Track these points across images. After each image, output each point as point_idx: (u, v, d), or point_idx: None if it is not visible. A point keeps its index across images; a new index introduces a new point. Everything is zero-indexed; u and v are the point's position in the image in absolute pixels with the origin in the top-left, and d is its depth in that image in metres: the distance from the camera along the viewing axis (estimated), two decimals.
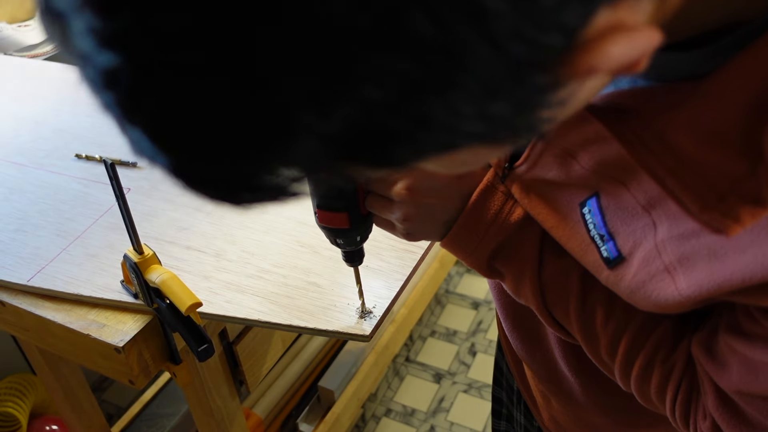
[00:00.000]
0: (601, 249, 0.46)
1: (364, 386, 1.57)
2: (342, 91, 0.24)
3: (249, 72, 0.23)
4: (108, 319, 0.76)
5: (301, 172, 0.28)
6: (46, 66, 1.42)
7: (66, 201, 0.95)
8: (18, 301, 0.80)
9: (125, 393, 1.88)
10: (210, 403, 0.91)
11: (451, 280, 2.29)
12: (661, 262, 0.43)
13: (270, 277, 0.79)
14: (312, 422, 1.49)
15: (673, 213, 0.42)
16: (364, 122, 0.25)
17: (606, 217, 0.46)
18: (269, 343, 1.00)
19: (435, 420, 1.84)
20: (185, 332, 0.70)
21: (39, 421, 1.64)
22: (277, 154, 0.26)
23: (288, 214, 0.89)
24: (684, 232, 0.41)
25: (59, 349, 0.81)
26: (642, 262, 0.44)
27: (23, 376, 1.66)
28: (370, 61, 0.23)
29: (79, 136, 1.12)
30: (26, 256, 0.85)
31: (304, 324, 0.72)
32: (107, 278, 0.80)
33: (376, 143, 0.26)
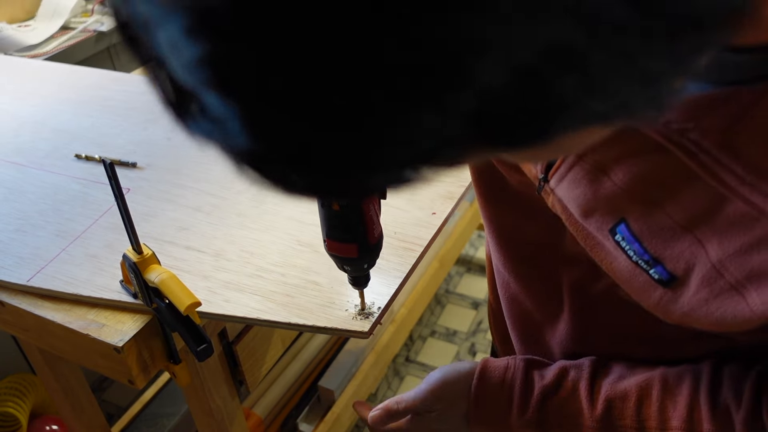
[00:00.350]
0: (651, 272, 0.44)
1: (364, 386, 1.56)
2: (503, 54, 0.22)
3: None
4: (107, 319, 0.76)
5: (434, 149, 0.25)
6: (46, 66, 1.42)
7: (66, 201, 0.95)
8: (17, 301, 0.80)
9: (125, 393, 1.88)
10: (210, 403, 0.91)
11: (451, 280, 2.29)
12: (726, 282, 0.41)
13: (269, 276, 0.79)
14: (312, 422, 1.49)
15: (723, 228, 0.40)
16: (512, 94, 0.23)
17: (644, 243, 0.44)
18: (269, 342, 1.00)
19: None
20: (184, 332, 0.70)
21: (39, 421, 1.64)
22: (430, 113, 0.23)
23: (287, 214, 0.89)
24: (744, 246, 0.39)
25: (59, 349, 0.81)
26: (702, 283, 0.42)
27: (23, 376, 1.66)
28: (524, 25, 0.21)
29: (78, 136, 1.12)
30: (26, 256, 0.85)
31: (304, 322, 0.72)
32: (107, 278, 0.80)
33: (517, 119, 0.25)
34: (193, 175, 0.99)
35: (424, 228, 0.84)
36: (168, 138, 1.09)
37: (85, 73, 1.36)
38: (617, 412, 0.55)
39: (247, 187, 0.95)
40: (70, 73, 1.37)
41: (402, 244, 0.82)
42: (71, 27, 1.90)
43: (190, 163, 1.02)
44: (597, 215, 0.46)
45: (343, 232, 0.62)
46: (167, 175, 0.99)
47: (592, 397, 0.56)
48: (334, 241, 0.63)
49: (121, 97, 1.24)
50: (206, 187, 0.96)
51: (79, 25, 1.90)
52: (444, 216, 0.86)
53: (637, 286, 0.46)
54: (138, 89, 1.26)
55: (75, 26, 1.90)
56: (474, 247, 2.44)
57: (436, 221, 0.85)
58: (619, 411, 0.55)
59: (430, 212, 0.87)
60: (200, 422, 0.96)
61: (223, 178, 0.97)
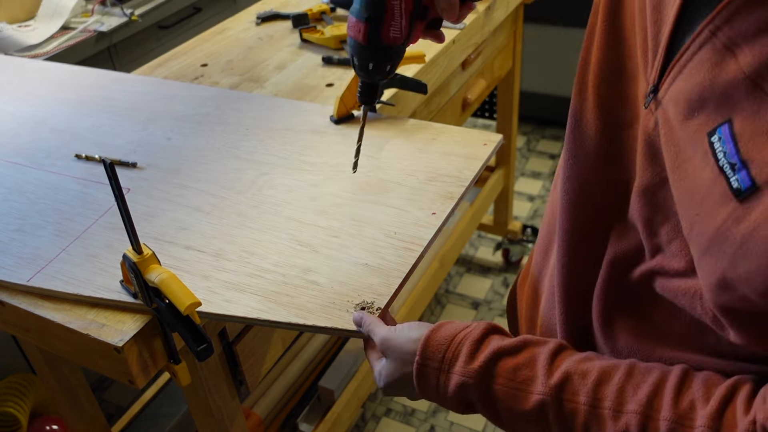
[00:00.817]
0: (731, 180, 0.42)
1: (364, 386, 1.56)
2: None
3: None
4: (107, 318, 0.76)
5: None
6: (46, 66, 1.42)
7: (66, 201, 0.95)
8: (18, 301, 0.80)
9: (125, 393, 1.88)
10: (210, 403, 0.91)
11: (451, 280, 2.29)
12: None
13: (269, 276, 0.79)
14: (312, 422, 1.49)
15: None
16: None
17: (739, 144, 0.42)
18: (269, 342, 1.00)
19: (435, 420, 1.84)
20: (184, 332, 0.70)
21: (39, 421, 1.65)
22: None
23: (287, 214, 0.89)
24: None
25: (59, 349, 0.81)
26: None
27: (23, 376, 1.66)
28: None
29: (78, 136, 1.12)
30: (26, 256, 0.85)
31: (304, 322, 0.72)
32: (107, 278, 0.80)
33: None
34: (193, 175, 0.99)
35: (424, 228, 0.84)
36: (168, 138, 1.09)
37: (85, 73, 1.36)
38: (573, 387, 0.53)
39: (247, 187, 0.95)
40: (70, 73, 1.37)
41: (402, 244, 0.82)
42: (71, 27, 1.91)
43: (190, 163, 1.02)
44: (705, 112, 0.45)
45: (361, 6, 0.63)
46: (167, 175, 1.00)
47: (551, 367, 0.55)
48: (353, 16, 0.64)
49: (121, 97, 1.24)
50: (206, 187, 0.96)
51: (79, 25, 1.90)
52: (444, 216, 0.86)
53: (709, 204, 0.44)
54: (138, 89, 1.26)
55: (75, 26, 1.90)
56: (474, 247, 2.44)
57: (436, 221, 0.85)
58: (576, 386, 0.53)
59: (430, 212, 0.87)
60: (200, 422, 0.96)
61: (223, 178, 0.97)
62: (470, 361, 0.58)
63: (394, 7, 0.62)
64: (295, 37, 1.48)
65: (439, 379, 0.59)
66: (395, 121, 1.08)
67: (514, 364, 0.56)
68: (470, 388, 0.57)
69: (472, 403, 0.58)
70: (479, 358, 0.57)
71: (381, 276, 0.77)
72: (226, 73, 1.34)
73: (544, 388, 0.54)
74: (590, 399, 0.53)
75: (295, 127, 1.09)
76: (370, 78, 0.69)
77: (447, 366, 0.58)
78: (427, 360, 0.60)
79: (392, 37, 0.64)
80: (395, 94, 1.20)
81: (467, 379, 0.57)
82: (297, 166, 0.99)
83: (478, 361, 0.57)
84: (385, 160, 0.98)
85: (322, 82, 1.27)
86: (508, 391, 0.56)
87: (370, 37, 0.64)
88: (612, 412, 0.51)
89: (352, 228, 0.85)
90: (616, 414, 0.51)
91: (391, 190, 0.92)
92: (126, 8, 1.95)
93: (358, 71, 0.69)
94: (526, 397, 0.55)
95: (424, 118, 1.40)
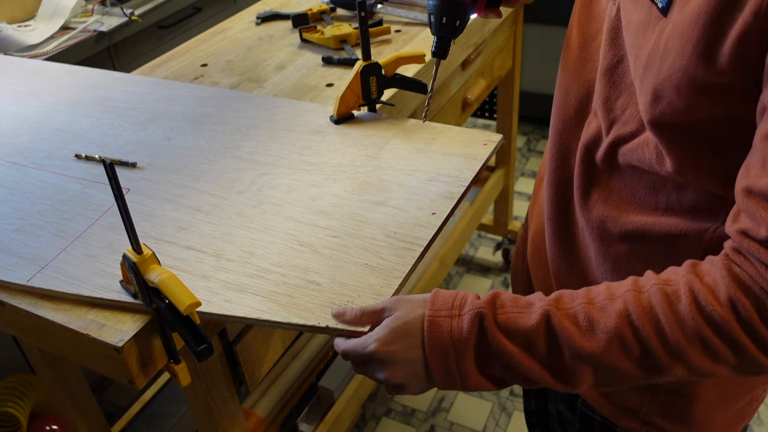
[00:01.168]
0: (657, 2, 0.57)
1: (364, 386, 1.57)
2: None
3: None
4: (107, 319, 0.76)
5: None
6: (46, 66, 1.42)
7: (66, 201, 0.95)
8: (17, 301, 0.80)
9: (125, 393, 1.88)
10: (210, 403, 0.91)
11: (451, 280, 2.29)
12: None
13: (269, 276, 0.79)
14: (312, 422, 1.49)
15: None
16: None
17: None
18: (269, 343, 1.00)
19: (435, 420, 1.84)
20: (184, 332, 0.70)
21: (39, 421, 1.65)
22: None
23: (287, 214, 0.89)
24: None
25: (59, 349, 0.81)
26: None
27: (23, 376, 1.66)
28: None
29: (78, 136, 1.12)
30: (26, 257, 0.85)
31: (304, 322, 0.72)
32: (106, 278, 0.80)
33: None
34: (193, 175, 0.99)
35: (424, 228, 0.84)
36: (168, 138, 1.09)
37: (85, 73, 1.36)
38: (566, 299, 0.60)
39: (247, 187, 0.95)
40: (70, 73, 1.37)
41: (402, 244, 0.82)
42: (71, 27, 1.91)
43: (190, 163, 1.02)
44: None
45: None
46: (167, 175, 1.00)
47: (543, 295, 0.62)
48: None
49: (121, 97, 1.24)
50: (206, 187, 0.96)
51: (79, 25, 1.90)
52: (444, 216, 0.86)
53: (648, 33, 0.58)
54: (138, 89, 1.26)
55: (75, 26, 1.90)
56: (474, 247, 2.44)
57: (436, 221, 0.85)
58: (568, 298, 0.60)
59: (430, 212, 0.87)
60: (200, 422, 0.96)
61: (223, 178, 0.97)
62: (476, 300, 0.63)
63: None
64: (295, 37, 1.48)
65: (452, 324, 0.61)
66: (395, 121, 1.08)
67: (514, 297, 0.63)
68: (484, 318, 0.60)
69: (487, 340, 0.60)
70: (484, 298, 0.63)
71: (381, 276, 0.77)
72: (225, 73, 1.34)
73: (542, 303, 0.60)
74: (584, 300, 0.59)
75: (295, 127, 1.09)
76: (443, 31, 0.85)
77: (457, 311, 0.62)
78: (438, 311, 0.62)
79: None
80: (395, 94, 1.20)
81: (480, 309, 0.61)
82: (297, 166, 0.99)
83: (484, 299, 0.63)
84: (385, 160, 0.98)
85: (322, 82, 1.27)
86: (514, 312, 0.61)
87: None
88: (606, 301, 0.58)
89: (352, 228, 0.85)
90: (609, 301, 0.57)
91: (391, 190, 0.92)
92: (126, 8, 1.95)
93: (434, 29, 0.85)
94: (530, 314, 0.60)
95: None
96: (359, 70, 1.03)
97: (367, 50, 1.02)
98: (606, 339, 0.56)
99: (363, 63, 1.03)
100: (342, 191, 0.92)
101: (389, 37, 1.44)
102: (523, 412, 1.16)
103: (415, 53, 1.08)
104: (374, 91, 1.06)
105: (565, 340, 0.58)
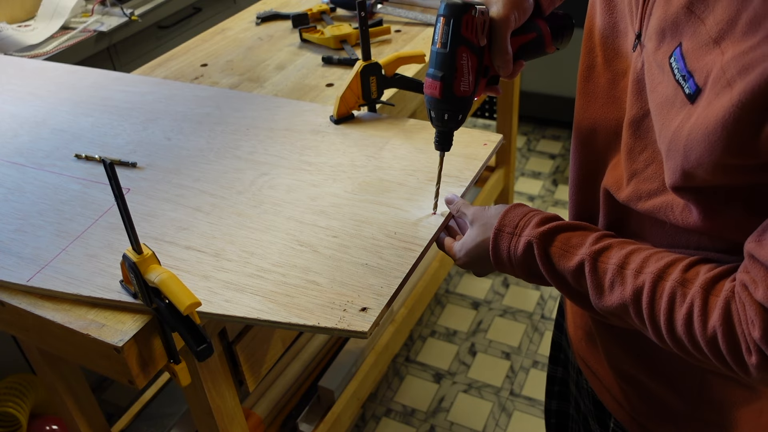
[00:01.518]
0: (684, 87, 0.56)
1: (364, 386, 1.57)
2: None
3: None
4: (107, 319, 0.76)
5: None
6: (46, 66, 1.42)
7: (66, 201, 0.95)
8: (17, 301, 0.80)
9: (125, 393, 1.88)
10: (210, 403, 0.91)
11: (451, 280, 2.29)
12: (725, 79, 0.51)
13: (269, 276, 0.79)
14: (312, 422, 1.49)
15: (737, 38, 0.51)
16: None
17: (686, 60, 0.56)
18: (269, 343, 1.00)
19: (435, 420, 1.84)
20: (184, 332, 0.70)
21: (39, 421, 1.65)
22: None
23: (287, 214, 0.89)
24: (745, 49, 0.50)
25: (59, 349, 0.81)
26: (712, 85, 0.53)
27: (23, 376, 1.66)
28: None
29: (78, 136, 1.12)
30: (26, 256, 0.85)
31: (304, 322, 0.72)
32: (106, 278, 0.80)
33: None
34: (193, 175, 0.99)
35: (424, 228, 0.84)
36: (168, 138, 1.09)
37: (85, 73, 1.36)
38: (609, 253, 0.67)
39: (247, 187, 0.95)
40: (70, 73, 1.37)
41: (402, 244, 0.82)
42: (71, 27, 1.91)
43: (190, 163, 1.02)
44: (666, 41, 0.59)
45: (435, 68, 0.76)
46: (167, 175, 1.00)
47: (597, 241, 0.69)
48: (428, 77, 0.77)
49: (121, 97, 1.24)
50: (206, 187, 0.96)
51: (79, 25, 1.90)
52: (444, 216, 0.86)
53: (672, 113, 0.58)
54: (138, 89, 1.26)
55: (75, 26, 1.90)
56: None
57: (436, 221, 0.85)
58: (611, 253, 0.67)
59: (430, 212, 0.87)
60: (200, 422, 0.96)
61: (223, 178, 0.97)
62: (537, 228, 0.72)
63: (462, 66, 0.75)
64: (295, 37, 1.48)
65: (511, 242, 0.73)
66: (395, 121, 1.08)
67: (569, 235, 0.71)
68: (534, 247, 0.71)
69: (534, 263, 0.72)
70: (544, 227, 0.71)
71: (381, 276, 0.77)
72: (225, 73, 1.34)
73: (586, 251, 0.68)
74: (619, 261, 0.66)
75: (295, 127, 1.09)
76: (445, 126, 0.79)
77: (519, 231, 0.73)
78: (504, 227, 0.74)
79: (462, 90, 0.76)
80: (395, 94, 1.20)
81: (533, 239, 0.71)
82: (297, 166, 0.99)
83: (543, 228, 0.71)
84: (385, 160, 0.98)
85: (322, 82, 1.27)
86: (560, 251, 0.70)
87: (445, 92, 0.76)
88: (634, 273, 0.64)
89: (352, 228, 0.85)
90: (636, 274, 0.64)
91: (391, 190, 0.92)
92: (126, 8, 1.95)
93: (435, 122, 0.80)
94: (571, 257, 0.69)
95: (424, 118, 1.40)
96: (359, 70, 1.03)
97: (367, 50, 1.02)
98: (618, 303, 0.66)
99: (363, 63, 1.03)
100: (342, 191, 0.92)
101: (389, 37, 1.44)
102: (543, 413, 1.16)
103: (415, 53, 1.08)
104: (374, 91, 1.06)
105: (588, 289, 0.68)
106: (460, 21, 0.74)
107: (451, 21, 0.74)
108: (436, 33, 0.76)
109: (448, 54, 0.74)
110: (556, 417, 1.11)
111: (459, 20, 0.74)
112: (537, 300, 2.18)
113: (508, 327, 2.10)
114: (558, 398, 1.10)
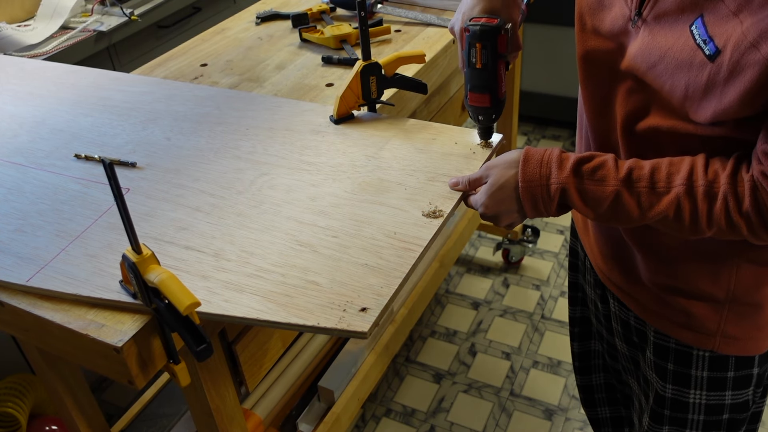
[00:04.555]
0: (705, 49, 0.70)
1: (364, 386, 1.56)
2: None
3: None
4: (107, 319, 0.76)
5: None
6: (46, 66, 1.42)
7: (65, 201, 0.95)
8: (17, 301, 0.80)
9: (125, 393, 1.88)
10: (210, 403, 0.91)
11: (451, 280, 2.29)
12: (748, 42, 0.66)
13: (269, 276, 0.79)
14: (312, 422, 1.49)
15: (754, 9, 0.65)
16: None
17: (707, 27, 0.70)
18: (269, 343, 1.00)
19: (435, 420, 1.84)
20: (184, 332, 0.70)
21: (39, 421, 1.65)
22: None
23: (287, 214, 0.89)
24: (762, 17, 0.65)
25: (58, 349, 0.81)
26: (734, 47, 0.67)
27: (23, 376, 1.66)
28: None
29: (78, 136, 1.12)
30: (25, 257, 0.85)
31: (303, 322, 0.72)
32: (106, 278, 0.80)
33: None
34: (193, 175, 0.99)
35: (424, 228, 0.84)
36: (167, 138, 1.09)
37: (85, 73, 1.36)
38: (636, 175, 0.78)
39: (247, 187, 0.95)
40: (70, 73, 1.37)
41: (402, 244, 0.82)
42: (71, 27, 1.91)
43: (189, 163, 1.02)
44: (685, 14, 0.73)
45: (480, 84, 0.89)
46: (167, 175, 0.99)
47: (617, 166, 0.79)
48: (475, 92, 0.90)
49: (121, 96, 1.24)
50: (206, 187, 0.96)
51: (78, 25, 1.90)
52: (444, 216, 0.86)
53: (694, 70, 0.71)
54: (137, 89, 1.26)
55: (75, 26, 1.90)
56: (474, 247, 2.44)
57: (436, 221, 0.85)
58: (637, 174, 0.78)
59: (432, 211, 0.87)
60: (200, 422, 0.96)
61: (223, 178, 0.97)
62: (560, 172, 0.80)
63: (501, 75, 0.89)
64: (294, 37, 1.48)
65: (542, 193, 0.81)
66: (395, 121, 1.08)
67: (591, 166, 0.80)
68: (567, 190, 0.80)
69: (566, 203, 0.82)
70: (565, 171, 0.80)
71: (381, 276, 0.77)
72: (225, 73, 1.34)
73: (616, 182, 0.79)
74: (649, 183, 0.77)
75: (295, 127, 1.09)
76: (493, 122, 0.95)
77: (545, 180, 0.81)
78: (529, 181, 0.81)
79: (503, 93, 0.91)
80: (395, 94, 1.20)
81: (564, 185, 0.80)
82: (297, 166, 0.99)
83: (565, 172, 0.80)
84: (385, 160, 0.98)
85: (322, 82, 1.27)
86: (593, 186, 0.79)
87: (493, 101, 0.91)
88: (665, 189, 0.77)
89: (352, 228, 0.85)
90: (667, 189, 0.76)
91: (391, 190, 0.92)
92: (126, 8, 1.95)
93: (483, 123, 0.95)
94: (605, 189, 0.79)
95: (424, 118, 1.40)
96: (359, 70, 1.03)
97: (367, 50, 1.02)
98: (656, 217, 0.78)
99: (363, 63, 1.03)
100: (342, 191, 0.92)
101: (389, 37, 1.44)
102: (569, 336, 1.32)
103: (415, 53, 1.08)
104: (374, 91, 1.06)
105: (625, 213, 0.79)
106: (496, 42, 0.86)
107: (488, 45, 0.85)
108: (472, 55, 0.87)
109: (491, 71, 0.88)
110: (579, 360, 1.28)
111: (495, 42, 0.86)
112: (537, 300, 2.18)
113: (508, 327, 2.10)
114: (578, 339, 1.26)
